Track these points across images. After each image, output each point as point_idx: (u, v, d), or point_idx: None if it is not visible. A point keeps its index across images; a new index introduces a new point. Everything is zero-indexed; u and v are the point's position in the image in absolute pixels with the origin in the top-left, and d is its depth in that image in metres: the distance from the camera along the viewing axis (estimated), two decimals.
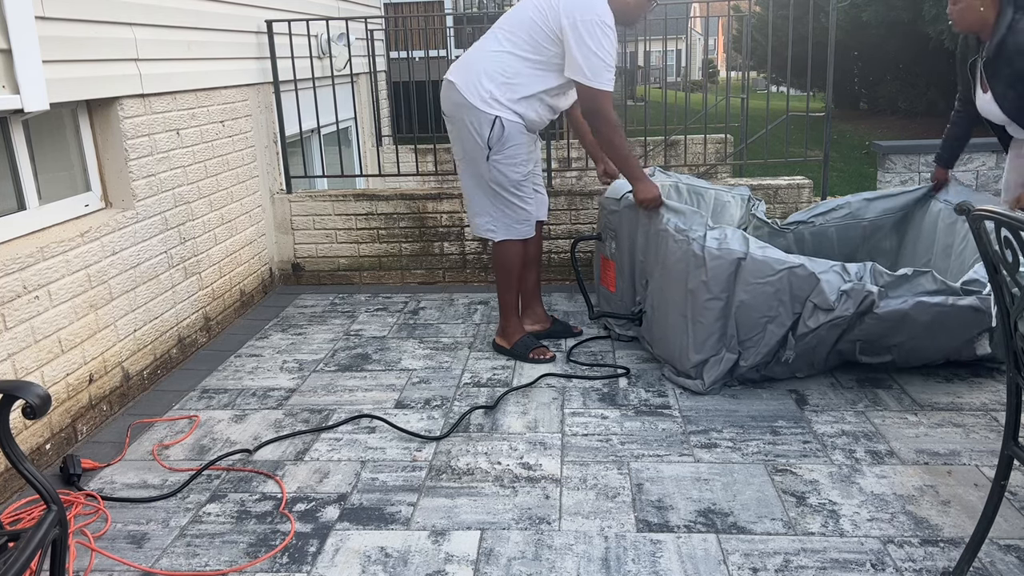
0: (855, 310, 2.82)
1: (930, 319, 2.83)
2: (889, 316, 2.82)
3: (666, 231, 3.07)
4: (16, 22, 2.54)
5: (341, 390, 3.23)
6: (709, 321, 2.96)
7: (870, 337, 2.93)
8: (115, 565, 2.16)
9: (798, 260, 2.87)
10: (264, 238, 4.52)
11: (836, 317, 2.83)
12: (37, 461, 2.65)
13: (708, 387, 3.04)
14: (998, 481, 1.91)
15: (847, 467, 2.52)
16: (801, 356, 3.02)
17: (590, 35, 3.00)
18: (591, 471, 2.55)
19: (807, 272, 2.85)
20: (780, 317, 2.92)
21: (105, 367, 3.05)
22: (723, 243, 2.91)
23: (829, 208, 3.87)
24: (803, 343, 2.94)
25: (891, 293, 2.84)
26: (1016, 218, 1.61)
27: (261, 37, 4.44)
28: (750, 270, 2.88)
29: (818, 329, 2.88)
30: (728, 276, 2.90)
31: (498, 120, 3.14)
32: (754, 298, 2.90)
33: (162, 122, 3.47)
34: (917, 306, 2.81)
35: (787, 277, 2.86)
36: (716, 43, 40.41)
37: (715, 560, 2.09)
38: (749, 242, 2.92)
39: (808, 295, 2.86)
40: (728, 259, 2.89)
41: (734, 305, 2.93)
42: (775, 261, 2.87)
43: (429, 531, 2.26)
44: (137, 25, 3.28)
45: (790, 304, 2.90)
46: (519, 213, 3.32)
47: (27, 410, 1.57)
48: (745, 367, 3.03)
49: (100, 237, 3.04)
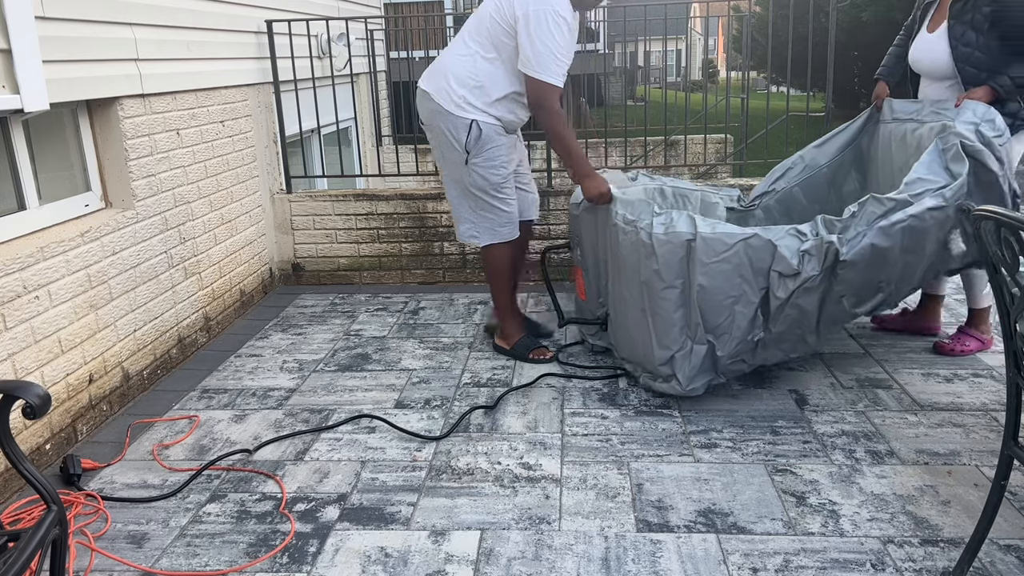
0: (821, 267, 2.71)
1: (898, 239, 2.74)
2: (859, 256, 2.71)
3: (616, 225, 2.95)
4: (16, 22, 2.54)
5: (341, 390, 3.23)
6: (668, 312, 2.81)
7: (852, 287, 2.80)
8: (115, 565, 2.16)
9: (751, 231, 2.73)
10: (264, 238, 4.53)
11: (805, 280, 2.71)
12: (37, 461, 2.65)
13: (687, 387, 2.88)
14: (998, 481, 1.91)
15: (847, 467, 2.52)
16: (788, 333, 2.86)
17: (539, 26, 2.95)
18: (591, 471, 2.55)
19: (762, 241, 2.71)
20: (746, 295, 2.76)
21: (105, 367, 3.05)
22: (670, 227, 2.76)
23: (785, 169, 3.75)
24: (782, 319, 2.80)
25: (848, 235, 2.74)
26: (1016, 218, 1.61)
27: (261, 37, 4.44)
28: (703, 250, 2.72)
29: (791, 298, 2.74)
30: (680, 260, 2.75)
31: (474, 123, 3.13)
32: (713, 279, 2.74)
33: (162, 122, 3.47)
34: (879, 234, 2.71)
35: (743, 250, 2.71)
36: (716, 43, 40.41)
37: (715, 560, 2.09)
38: (697, 221, 2.76)
39: (770, 265, 2.73)
40: (677, 242, 2.74)
41: (694, 291, 2.77)
42: (727, 236, 2.72)
43: (429, 531, 2.26)
44: (137, 25, 3.28)
45: (753, 279, 2.74)
46: (501, 216, 3.31)
47: (27, 410, 1.57)
48: (724, 357, 2.85)
49: (100, 237, 3.04)
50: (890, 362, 3.31)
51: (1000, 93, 2.97)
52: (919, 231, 2.76)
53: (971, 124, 2.93)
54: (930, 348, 3.43)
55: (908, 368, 3.24)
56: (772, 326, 2.81)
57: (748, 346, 2.86)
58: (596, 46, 10.83)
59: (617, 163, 7.06)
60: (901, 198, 2.76)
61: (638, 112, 12.37)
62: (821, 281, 2.74)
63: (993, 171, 2.86)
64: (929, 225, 2.77)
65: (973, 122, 2.94)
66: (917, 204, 2.75)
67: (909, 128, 3.31)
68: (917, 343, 3.49)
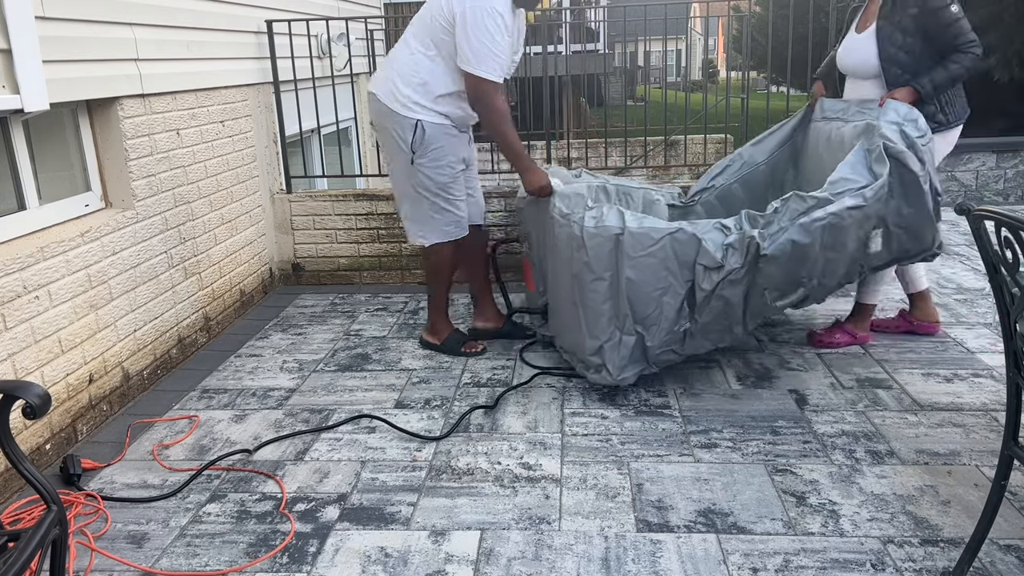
0: (743, 260, 2.78)
1: (818, 236, 2.79)
2: (780, 251, 2.77)
3: (553, 217, 3.03)
4: (16, 22, 2.54)
5: (341, 390, 3.23)
6: (596, 303, 2.88)
7: (774, 281, 2.86)
8: (115, 565, 2.16)
9: (677, 225, 2.82)
10: (264, 238, 4.52)
11: (728, 272, 2.78)
12: (37, 461, 2.65)
13: (618, 377, 2.94)
14: (998, 481, 1.91)
15: (847, 467, 2.52)
16: (714, 324, 2.92)
17: (476, 23, 2.97)
18: (591, 471, 2.55)
19: (688, 235, 2.79)
20: (673, 287, 2.84)
21: (105, 367, 3.05)
22: (600, 221, 2.84)
23: (724, 166, 3.81)
24: (708, 310, 2.87)
25: (771, 230, 2.79)
26: (1016, 218, 1.61)
27: (261, 37, 4.44)
28: (630, 244, 2.80)
29: (716, 290, 2.81)
30: (609, 253, 2.83)
31: (419, 124, 3.16)
32: (641, 272, 2.82)
33: (162, 122, 3.47)
34: (799, 230, 2.77)
35: (669, 244, 2.80)
36: (716, 43, 40.40)
37: (715, 560, 2.09)
38: (626, 216, 2.85)
39: (695, 258, 2.81)
40: (605, 235, 2.82)
41: (622, 283, 2.84)
42: (654, 230, 2.80)
43: (429, 531, 2.26)
44: (137, 25, 3.28)
45: (679, 272, 2.83)
46: (447, 216, 3.33)
47: (27, 410, 1.57)
48: (654, 347, 2.92)
49: (100, 237, 3.04)
50: (890, 362, 3.31)
51: (921, 94, 3.05)
52: (839, 228, 2.81)
53: (895, 124, 2.99)
54: (930, 348, 3.43)
55: (908, 368, 3.24)
56: (699, 317, 2.89)
57: (676, 336, 2.93)
58: (596, 46, 10.83)
59: (617, 163, 7.06)
60: (822, 196, 2.82)
61: (638, 112, 12.37)
62: (745, 274, 2.81)
63: (914, 171, 2.92)
64: (849, 223, 2.82)
65: (897, 122, 3.00)
66: (837, 202, 2.80)
67: (835, 127, 3.39)
68: (917, 343, 3.49)
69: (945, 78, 3.02)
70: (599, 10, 9.54)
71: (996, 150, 6.37)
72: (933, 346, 3.45)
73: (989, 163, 6.36)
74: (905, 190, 2.95)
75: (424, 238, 3.38)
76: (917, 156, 2.94)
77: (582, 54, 9.45)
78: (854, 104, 3.30)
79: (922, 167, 2.94)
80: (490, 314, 3.73)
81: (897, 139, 2.93)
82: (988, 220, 1.72)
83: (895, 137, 2.94)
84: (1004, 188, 6.39)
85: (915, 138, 2.96)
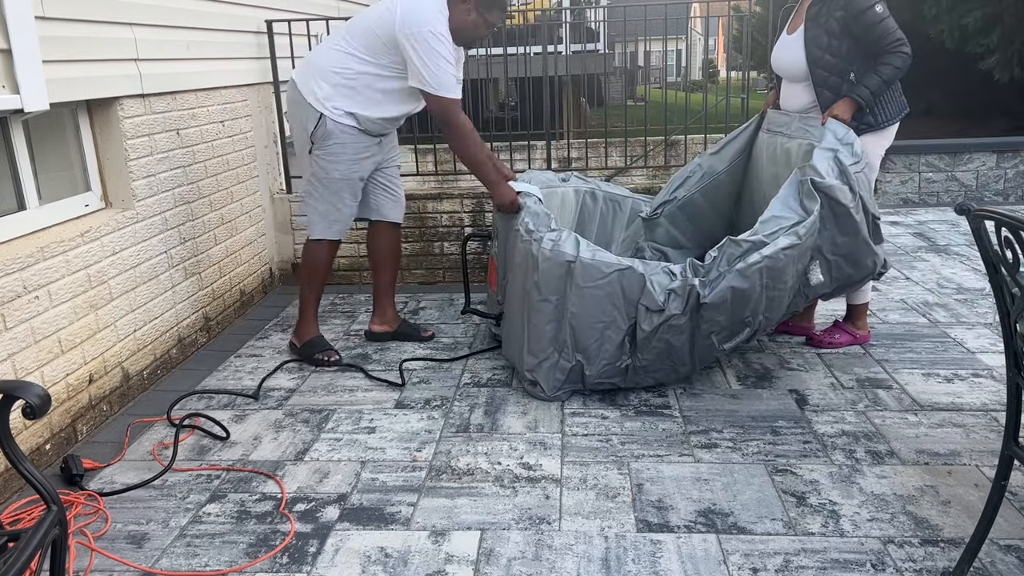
0: (684, 308, 2.81)
1: (756, 279, 2.80)
2: (719, 299, 2.80)
3: (518, 231, 3.06)
4: (16, 22, 2.54)
5: (341, 390, 3.23)
6: (540, 323, 2.94)
7: (718, 326, 2.88)
8: (115, 565, 2.16)
9: (629, 262, 2.85)
10: (264, 238, 4.52)
11: (668, 317, 2.83)
12: (37, 461, 2.65)
13: (551, 394, 3.01)
14: (998, 481, 1.91)
15: (847, 467, 2.52)
16: (657, 364, 2.97)
17: (425, 47, 3.04)
18: (591, 471, 2.55)
19: (636, 274, 2.83)
20: (616, 322, 2.89)
21: (105, 367, 3.05)
22: (556, 245, 2.88)
23: (685, 177, 3.82)
24: (650, 349, 2.91)
25: (711, 276, 2.82)
26: (1016, 218, 1.61)
27: (261, 37, 4.44)
28: (580, 274, 2.85)
29: (657, 332, 2.86)
30: (559, 278, 2.87)
31: (323, 118, 3.20)
32: (587, 302, 2.87)
33: (162, 122, 3.47)
34: (737, 276, 2.79)
35: (618, 280, 2.84)
36: (716, 43, 40.40)
37: (715, 560, 2.09)
38: (581, 245, 2.89)
39: (639, 298, 2.85)
40: (558, 261, 2.86)
41: (568, 310, 2.89)
42: (604, 264, 2.84)
43: (429, 531, 2.26)
44: (137, 25, 3.28)
45: (624, 308, 2.87)
46: (333, 212, 3.38)
47: (27, 410, 1.57)
48: (592, 376, 2.98)
49: (100, 237, 3.03)
50: (890, 362, 3.31)
51: (861, 104, 3.07)
52: (776, 269, 2.82)
53: (830, 152, 2.99)
54: (930, 348, 3.43)
55: (908, 368, 3.24)
56: (641, 355, 2.93)
57: (617, 371, 2.98)
58: (596, 46, 10.82)
59: (617, 163, 7.05)
60: (756, 239, 2.83)
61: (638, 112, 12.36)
62: (687, 321, 2.85)
63: (844, 204, 2.92)
64: (785, 263, 2.83)
65: (833, 148, 3.00)
66: (772, 244, 2.81)
67: (780, 141, 3.42)
68: (917, 343, 3.49)
69: (879, 83, 3.03)
70: (599, 10, 9.54)
71: (996, 150, 6.37)
72: (933, 346, 3.46)
73: (989, 163, 6.36)
74: (837, 221, 2.94)
75: (311, 230, 3.44)
76: (849, 186, 2.93)
77: (582, 54, 9.45)
78: (797, 119, 3.31)
79: (853, 197, 2.93)
80: (388, 317, 3.75)
81: (828, 170, 2.93)
82: (988, 220, 1.72)
83: (826, 168, 2.93)
84: (1004, 188, 6.39)
85: (848, 165, 2.95)
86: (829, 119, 3.08)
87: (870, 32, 3.01)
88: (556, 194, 3.77)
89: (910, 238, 5.35)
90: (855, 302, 3.45)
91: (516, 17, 9.46)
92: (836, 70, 3.11)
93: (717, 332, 2.90)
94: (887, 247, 5.12)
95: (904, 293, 4.18)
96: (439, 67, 3.07)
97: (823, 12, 3.09)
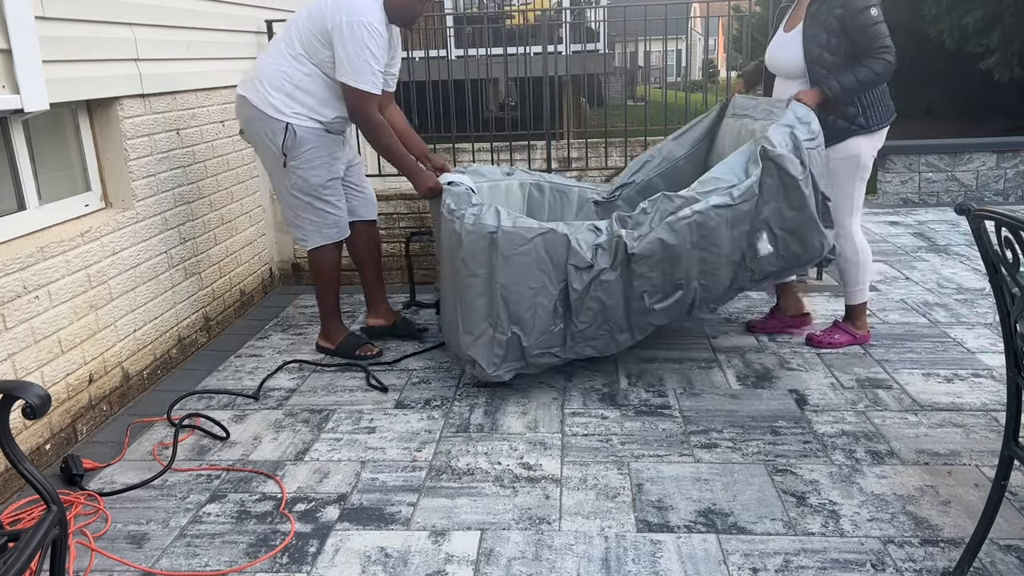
0: (612, 261, 2.81)
1: (686, 235, 2.79)
2: (648, 251, 2.79)
3: (442, 213, 3.07)
4: (16, 22, 2.53)
5: (341, 390, 3.23)
6: (471, 299, 2.92)
7: (650, 282, 2.87)
8: (115, 565, 2.16)
9: (550, 225, 2.86)
10: (264, 238, 4.52)
11: (598, 272, 2.81)
12: (37, 461, 2.65)
13: (492, 373, 2.98)
14: (998, 481, 1.91)
15: (847, 467, 2.52)
16: (594, 329, 2.95)
17: (353, 37, 3.01)
18: (591, 471, 2.55)
19: (559, 235, 2.83)
20: (547, 287, 2.88)
21: (105, 367, 3.05)
22: (478, 219, 2.89)
23: (644, 161, 3.85)
24: (584, 311, 2.89)
25: (641, 230, 2.81)
26: (1016, 218, 1.61)
27: (261, 37, 4.44)
28: (504, 243, 2.84)
29: (589, 291, 2.85)
30: (484, 251, 2.87)
31: (289, 126, 3.17)
32: (515, 270, 2.86)
33: (162, 122, 3.47)
34: (666, 229, 2.78)
35: (541, 244, 2.84)
36: (716, 43, 40.39)
37: (715, 560, 2.09)
38: (502, 215, 2.89)
39: (567, 258, 2.84)
40: (480, 233, 2.86)
41: (497, 281, 2.88)
42: (526, 230, 2.85)
43: (429, 531, 2.26)
44: (137, 25, 3.28)
45: (553, 272, 2.87)
46: (327, 217, 3.35)
47: (27, 410, 1.57)
48: (531, 347, 2.96)
49: (100, 237, 3.04)
50: (890, 362, 3.31)
51: (828, 96, 3.07)
52: (707, 227, 2.82)
53: (787, 127, 2.99)
54: (930, 348, 3.43)
55: (908, 368, 3.24)
56: (575, 319, 2.92)
57: (554, 339, 2.97)
58: (596, 46, 10.83)
59: (618, 162, 7.05)
60: (689, 195, 2.84)
61: (638, 112, 12.37)
62: (618, 277, 2.84)
63: (793, 175, 2.90)
64: (716, 222, 2.83)
65: (790, 124, 3.00)
66: (703, 201, 2.82)
67: (744, 124, 3.43)
68: (917, 343, 3.49)
69: (853, 82, 3.03)
70: (599, 10, 9.54)
71: (996, 150, 6.37)
72: (933, 346, 3.46)
73: (989, 163, 6.36)
74: (786, 193, 2.93)
75: (305, 241, 3.39)
76: (800, 160, 2.92)
77: (582, 54, 9.46)
78: (763, 102, 3.35)
79: (803, 171, 2.91)
80: (382, 311, 3.75)
81: (781, 142, 2.92)
82: (988, 220, 1.72)
83: (780, 140, 2.93)
84: (1004, 188, 6.39)
85: (803, 140, 2.94)
86: (794, 100, 3.10)
87: (863, 34, 3.02)
88: (501, 188, 3.80)
89: (910, 238, 5.35)
90: (852, 302, 3.45)
91: (516, 17, 9.46)
92: (834, 68, 3.11)
93: (649, 291, 2.88)
94: (886, 247, 5.12)
95: (904, 293, 4.18)
96: (362, 58, 3.03)
97: (823, 10, 3.10)
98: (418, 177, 3.21)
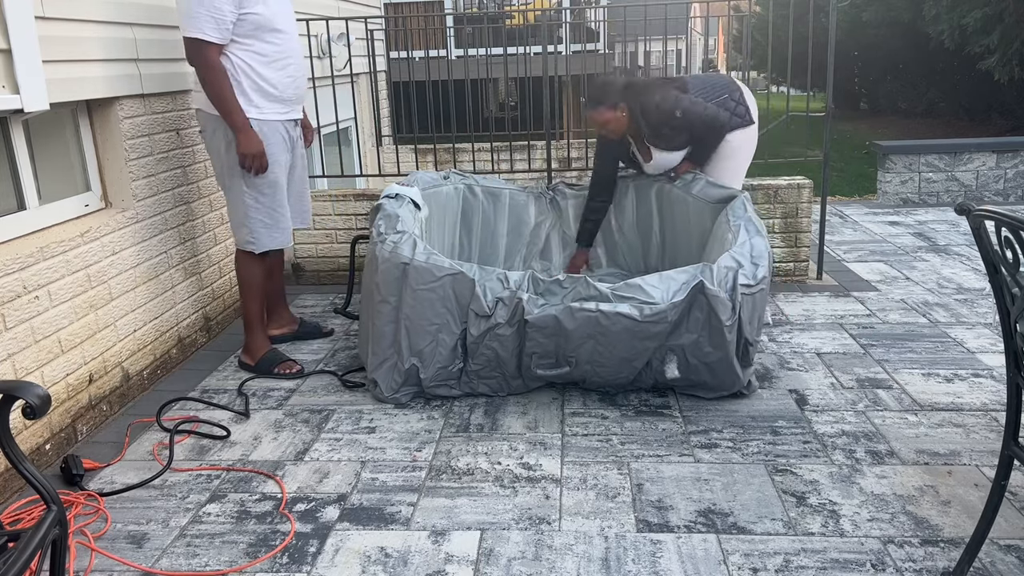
0: (508, 317, 2.84)
1: (585, 326, 2.77)
2: (541, 322, 2.79)
3: (373, 233, 3.11)
4: (16, 22, 2.54)
5: (341, 390, 3.23)
6: (380, 324, 2.98)
7: (541, 348, 2.88)
8: (115, 565, 2.16)
9: (461, 268, 2.88)
10: None
11: (494, 325, 2.85)
12: (37, 461, 2.65)
13: (388, 395, 3.04)
14: (998, 481, 1.91)
15: (847, 467, 2.52)
16: (488, 371, 2.99)
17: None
18: (591, 471, 2.55)
19: (467, 279, 2.87)
20: (449, 325, 2.93)
21: (105, 367, 3.05)
22: (396, 248, 2.93)
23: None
24: (479, 355, 2.94)
25: (548, 299, 2.83)
26: (1016, 218, 1.61)
27: None
28: (414, 276, 2.89)
29: (484, 339, 2.89)
30: (396, 280, 2.91)
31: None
32: (421, 304, 2.90)
33: (162, 122, 3.47)
34: (565, 311, 2.77)
35: (449, 284, 2.88)
36: (716, 43, 40.39)
37: (715, 560, 2.09)
38: (417, 248, 2.92)
39: (470, 303, 2.88)
40: (395, 263, 2.91)
41: (403, 311, 2.93)
42: (436, 268, 2.88)
43: (429, 531, 2.26)
44: (137, 25, 3.28)
45: (457, 312, 2.92)
46: (277, 219, 3.26)
47: (27, 410, 1.57)
48: (427, 380, 3.00)
49: (100, 237, 3.04)
50: (890, 362, 3.31)
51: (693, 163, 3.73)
52: (605, 328, 2.78)
53: (736, 264, 2.85)
54: (930, 348, 3.43)
55: (908, 368, 3.24)
56: (472, 360, 2.97)
57: (451, 375, 3.04)
58: (596, 46, 10.82)
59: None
60: (604, 292, 2.80)
61: None
62: (515, 334, 2.87)
63: (720, 319, 2.78)
64: (617, 328, 2.77)
65: (738, 263, 2.86)
66: (612, 304, 2.77)
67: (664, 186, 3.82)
68: (917, 343, 3.49)
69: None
70: (599, 10, 9.54)
71: (996, 150, 6.37)
72: (933, 346, 3.46)
73: (989, 163, 6.36)
74: (711, 331, 2.83)
75: (254, 244, 3.27)
76: (732, 305, 2.79)
77: (582, 54, 9.45)
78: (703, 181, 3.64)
79: (731, 316, 2.79)
80: (284, 319, 3.74)
81: (722, 281, 2.80)
82: (988, 220, 1.72)
83: (721, 278, 2.80)
84: (1004, 188, 6.39)
85: (742, 286, 2.80)
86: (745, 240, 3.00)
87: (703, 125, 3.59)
88: (440, 193, 3.87)
89: (910, 238, 5.35)
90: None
91: (516, 17, 9.46)
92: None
93: (539, 355, 2.91)
94: (886, 247, 5.12)
95: (904, 293, 4.18)
96: (191, 2, 2.89)
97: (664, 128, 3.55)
98: (245, 135, 3.05)
